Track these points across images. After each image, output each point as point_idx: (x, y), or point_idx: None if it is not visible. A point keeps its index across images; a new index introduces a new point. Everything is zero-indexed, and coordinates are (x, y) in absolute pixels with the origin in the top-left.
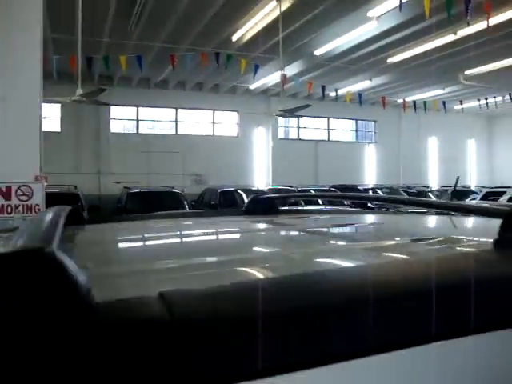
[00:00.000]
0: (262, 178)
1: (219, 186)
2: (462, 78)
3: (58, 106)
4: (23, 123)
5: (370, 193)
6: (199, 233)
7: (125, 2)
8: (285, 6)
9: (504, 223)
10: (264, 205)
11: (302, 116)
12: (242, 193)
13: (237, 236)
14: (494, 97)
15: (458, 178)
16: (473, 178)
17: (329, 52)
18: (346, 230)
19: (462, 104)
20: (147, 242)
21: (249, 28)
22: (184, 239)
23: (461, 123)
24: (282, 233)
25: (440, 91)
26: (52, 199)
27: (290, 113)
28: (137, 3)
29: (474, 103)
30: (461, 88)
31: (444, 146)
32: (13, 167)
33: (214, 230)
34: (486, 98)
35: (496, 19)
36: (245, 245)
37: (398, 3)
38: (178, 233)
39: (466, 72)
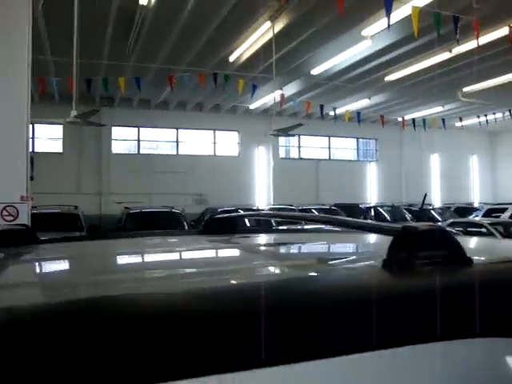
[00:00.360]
0: (263, 198)
1: (219, 206)
2: (460, 96)
3: (60, 127)
4: (9, 144)
5: (372, 211)
6: (131, 252)
7: (122, 24)
8: (279, 27)
9: (392, 242)
10: (221, 224)
11: (301, 135)
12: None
13: (173, 256)
14: (494, 113)
15: (425, 194)
16: (476, 195)
17: (326, 71)
18: (278, 249)
19: (461, 121)
20: (60, 262)
21: (245, 49)
22: (102, 260)
23: (462, 140)
24: (224, 252)
25: (439, 108)
26: (52, 219)
27: (283, 132)
28: (133, 26)
29: (473, 120)
30: (460, 105)
31: (446, 162)
32: None
33: (150, 249)
34: (486, 115)
35: (490, 36)
36: (176, 263)
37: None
38: (110, 252)
39: (465, 89)
